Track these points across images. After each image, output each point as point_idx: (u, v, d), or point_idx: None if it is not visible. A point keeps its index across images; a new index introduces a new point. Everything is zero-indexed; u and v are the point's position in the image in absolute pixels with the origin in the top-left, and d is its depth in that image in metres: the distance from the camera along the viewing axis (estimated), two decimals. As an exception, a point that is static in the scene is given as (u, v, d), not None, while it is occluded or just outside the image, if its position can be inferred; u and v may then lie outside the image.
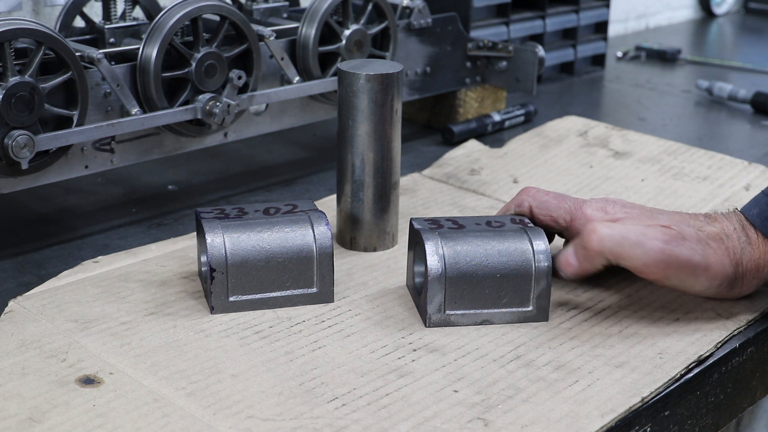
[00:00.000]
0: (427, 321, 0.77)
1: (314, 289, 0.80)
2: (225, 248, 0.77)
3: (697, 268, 0.77)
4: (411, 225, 0.82)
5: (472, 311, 0.78)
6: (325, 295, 0.80)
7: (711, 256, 0.77)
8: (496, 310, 0.78)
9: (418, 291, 0.80)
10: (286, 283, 0.79)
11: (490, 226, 0.80)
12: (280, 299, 0.79)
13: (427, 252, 0.76)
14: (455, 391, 0.69)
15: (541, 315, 0.79)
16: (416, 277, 0.82)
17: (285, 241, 0.78)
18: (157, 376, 0.69)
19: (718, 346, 0.77)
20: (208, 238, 0.77)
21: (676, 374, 0.73)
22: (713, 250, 0.78)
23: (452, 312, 0.77)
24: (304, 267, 0.79)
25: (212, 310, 0.78)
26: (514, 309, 0.79)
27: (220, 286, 0.77)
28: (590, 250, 0.77)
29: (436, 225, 0.80)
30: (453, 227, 0.80)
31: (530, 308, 0.79)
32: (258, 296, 0.79)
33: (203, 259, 0.81)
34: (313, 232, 0.79)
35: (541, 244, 0.78)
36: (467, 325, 0.78)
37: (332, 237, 0.80)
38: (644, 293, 0.84)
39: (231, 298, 0.78)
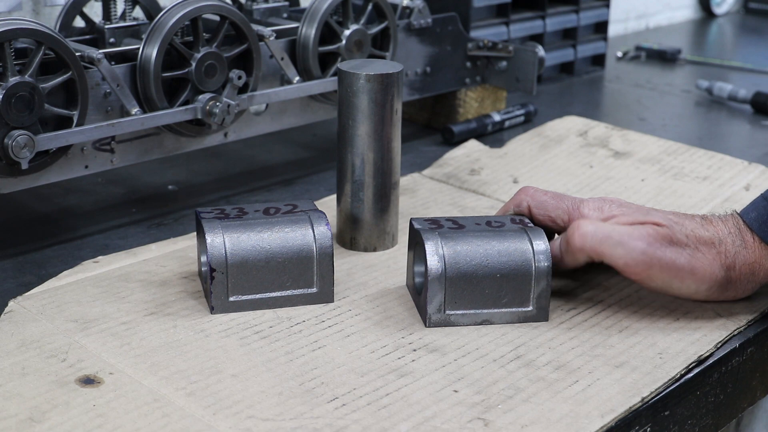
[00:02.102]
0: (427, 321, 0.77)
1: (314, 289, 0.80)
2: (225, 248, 0.77)
3: (681, 271, 0.77)
4: (411, 225, 0.82)
5: (472, 311, 0.78)
6: (325, 295, 0.80)
7: (698, 260, 0.78)
8: (496, 310, 0.78)
9: (418, 291, 0.80)
10: (286, 283, 0.79)
11: (490, 226, 0.80)
12: (280, 299, 0.79)
13: (427, 252, 0.76)
14: (455, 391, 0.69)
15: (541, 315, 0.79)
16: (416, 277, 0.82)
17: (285, 241, 0.78)
18: (157, 376, 0.69)
19: (718, 346, 0.77)
20: (208, 238, 0.77)
21: (676, 374, 0.73)
22: (702, 254, 0.78)
23: (452, 312, 0.77)
24: (304, 267, 0.79)
25: (212, 310, 0.78)
26: (514, 309, 0.79)
27: (220, 286, 0.77)
28: (572, 246, 0.78)
29: (436, 225, 0.80)
30: (453, 227, 0.80)
31: (530, 308, 0.79)
32: (258, 296, 0.79)
33: (203, 259, 0.81)
34: (313, 232, 0.79)
35: (541, 244, 0.78)
36: (467, 325, 0.78)
37: (332, 237, 0.80)
38: (644, 293, 0.84)
39: (231, 298, 0.78)
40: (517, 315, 0.79)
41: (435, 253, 0.76)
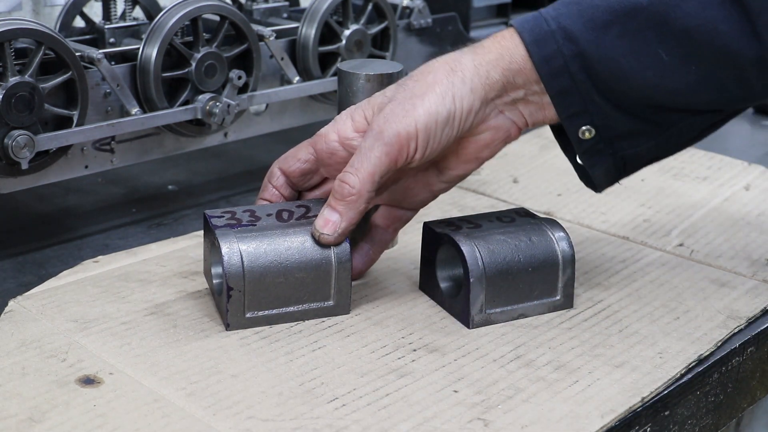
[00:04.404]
0: (470, 323, 0.77)
1: (331, 302, 0.78)
2: (242, 265, 0.74)
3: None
4: (428, 229, 0.81)
5: (509, 307, 0.78)
6: (342, 308, 0.78)
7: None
8: (528, 304, 0.79)
9: (447, 295, 0.80)
10: (303, 297, 0.77)
11: (502, 221, 0.81)
12: (296, 313, 0.77)
13: (465, 254, 0.76)
14: (455, 391, 0.69)
15: (568, 303, 0.80)
16: (442, 282, 0.81)
17: (303, 255, 0.75)
18: (157, 377, 0.69)
19: (719, 344, 0.77)
20: (225, 256, 0.73)
21: (676, 374, 0.73)
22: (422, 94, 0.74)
23: (492, 311, 0.78)
24: (322, 281, 0.77)
25: (228, 327, 0.76)
26: (544, 300, 0.79)
27: (236, 304, 0.75)
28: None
29: (455, 226, 0.80)
30: (471, 227, 0.80)
31: (558, 297, 0.79)
32: (275, 311, 0.77)
33: (215, 270, 0.79)
34: (332, 246, 0.76)
35: (560, 231, 0.79)
36: (505, 322, 0.78)
37: (350, 249, 0.77)
38: (644, 293, 0.84)
39: (248, 315, 0.76)
40: (547, 305, 0.79)
41: (473, 255, 0.76)
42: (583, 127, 0.76)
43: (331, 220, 0.74)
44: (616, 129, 0.76)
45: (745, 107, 0.79)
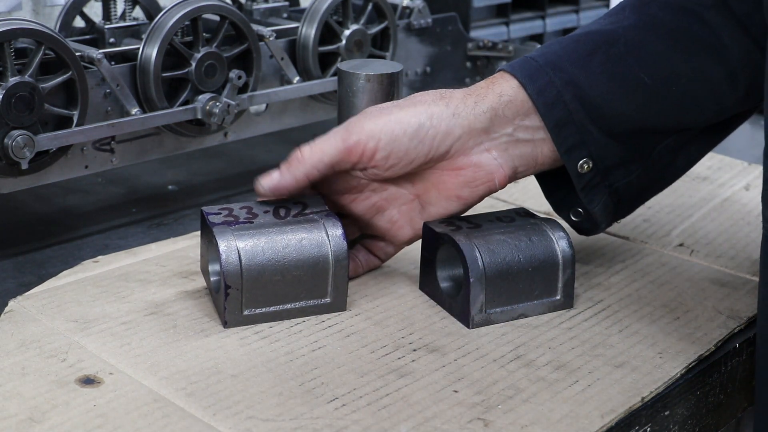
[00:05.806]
0: (470, 323, 0.77)
1: (327, 300, 0.78)
2: (240, 263, 0.74)
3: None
4: (428, 229, 0.81)
5: (509, 307, 0.78)
6: (338, 305, 0.79)
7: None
8: (528, 303, 0.79)
9: (447, 295, 0.80)
10: (301, 294, 0.77)
11: (502, 221, 0.81)
12: (293, 311, 0.78)
13: (465, 254, 0.76)
14: (455, 392, 0.69)
15: (568, 303, 0.80)
16: (442, 282, 0.81)
17: (300, 253, 0.76)
18: (157, 377, 0.69)
19: (719, 344, 0.77)
20: (223, 254, 0.74)
21: (676, 374, 0.73)
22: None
23: (492, 311, 0.78)
24: (319, 279, 0.77)
25: (225, 324, 0.76)
26: (544, 300, 0.79)
27: (234, 302, 0.75)
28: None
29: (454, 226, 0.80)
30: (470, 226, 0.80)
31: (558, 297, 0.79)
32: (272, 309, 0.77)
33: (213, 268, 0.80)
34: (329, 243, 0.77)
35: (560, 231, 0.79)
36: (505, 322, 0.78)
37: (347, 246, 0.77)
38: (644, 293, 0.84)
39: (245, 312, 0.76)
40: (547, 305, 0.79)
41: (472, 255, 0.76)
42: (581, 161, 0.78)
43: (270, 175, 0.77)
44: (610, 159, 0.78)
45: (717, 120, 0.82)
